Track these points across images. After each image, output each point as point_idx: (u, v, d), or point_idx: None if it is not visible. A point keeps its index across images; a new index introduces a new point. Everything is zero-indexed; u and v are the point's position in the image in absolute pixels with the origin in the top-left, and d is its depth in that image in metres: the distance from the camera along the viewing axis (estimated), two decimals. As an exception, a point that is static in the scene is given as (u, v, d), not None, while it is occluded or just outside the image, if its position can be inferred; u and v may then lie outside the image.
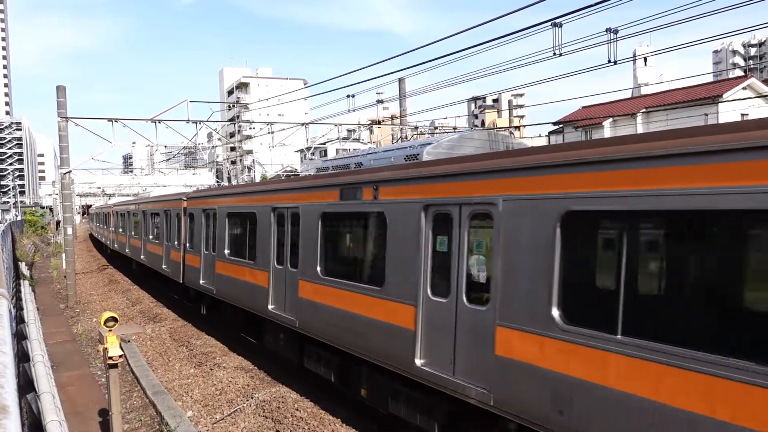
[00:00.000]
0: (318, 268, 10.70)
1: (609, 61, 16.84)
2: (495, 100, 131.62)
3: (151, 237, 24.62)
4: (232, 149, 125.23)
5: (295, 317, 11.48)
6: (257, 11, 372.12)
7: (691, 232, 5.21)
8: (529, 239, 6.47)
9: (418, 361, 7.98)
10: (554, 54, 16.94)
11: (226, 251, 15.21)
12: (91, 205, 68.42)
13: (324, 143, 59.23)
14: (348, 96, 28.29)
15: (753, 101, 41.76)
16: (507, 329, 6.67)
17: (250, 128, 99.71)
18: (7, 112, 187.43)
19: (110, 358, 9.01)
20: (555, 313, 6.15)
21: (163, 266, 22.08)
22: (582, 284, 6.09)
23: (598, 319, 5.75)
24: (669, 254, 5.40)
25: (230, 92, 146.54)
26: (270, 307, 12.53)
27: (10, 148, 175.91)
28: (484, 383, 6.94)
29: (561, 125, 52.62)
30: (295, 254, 11.60)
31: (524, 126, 53.89)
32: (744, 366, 4.58)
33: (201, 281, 17.14)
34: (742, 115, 40.48)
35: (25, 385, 8.30)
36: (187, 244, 18.83)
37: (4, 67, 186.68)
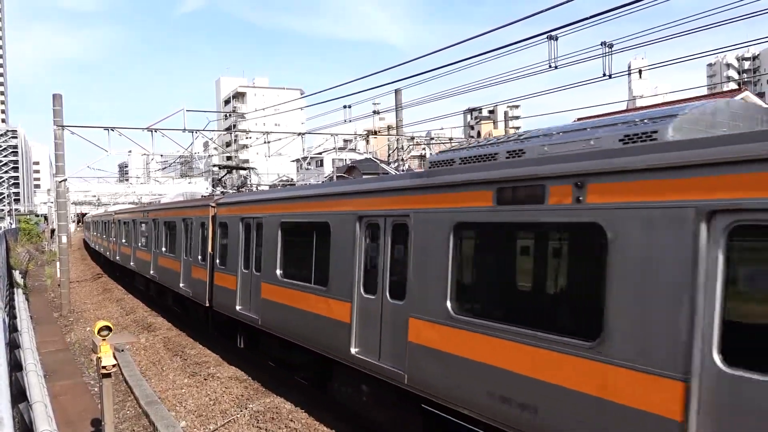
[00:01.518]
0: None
1: (604, 75, 16.95)
2: (491, 112, 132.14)
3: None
4: (229, 158, 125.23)
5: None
6: (254, 22, 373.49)
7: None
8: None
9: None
10: (550, 66, 17.05)
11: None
12: (86, 214, 68.18)
13: (320, 153, 59.36)
14: (344, 106, 28.38)
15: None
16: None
17: (247, 137, 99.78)
18: (3, 120, 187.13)
19: (104, 367, 8.97)
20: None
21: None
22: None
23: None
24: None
25: (227, 102, 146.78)
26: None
27: (5, 156, 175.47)
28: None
29: (556, 137, 52.78)
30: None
31: (520, 137, 54.26)
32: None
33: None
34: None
35: (18, 394, 8.25)
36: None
37: (0, 75, 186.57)
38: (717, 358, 4.81)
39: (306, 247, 11.21)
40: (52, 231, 62.04)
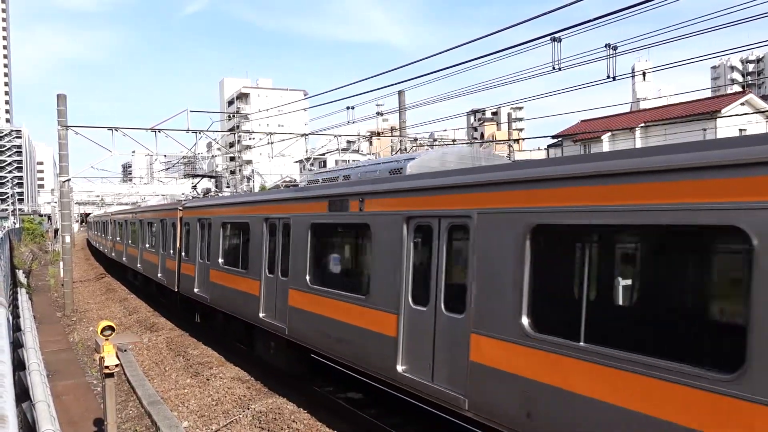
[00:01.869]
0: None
1: (608, 77, 16.94)
2: (494, 113, 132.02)
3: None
4: (232, 159, 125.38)
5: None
6: (258, 23, 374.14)
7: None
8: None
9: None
10: (554, 68, 17.05)
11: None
12: (89, 214, 68.37)
13: (323, 154, 59.38)
14: (348, 107, 28.39)
15: (751, 117, 41.97)
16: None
17: (250, 138, 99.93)
18: (8, 120, 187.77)
19: (106, 367, 8.99)
20: None
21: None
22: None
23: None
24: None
25: (230, 102, 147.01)
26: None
27: (9, 156, 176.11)
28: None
29: (560, 139, 52.80)
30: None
31: (523, 139, 54.08)
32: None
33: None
34: (740, 130, 40.64)
35: (21, 394, 8.26)
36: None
37: (5, 75, 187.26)
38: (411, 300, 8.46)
39: (236, 240, 15.10)
40: (56, 231, 62.24)
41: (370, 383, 11.99)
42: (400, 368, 8.47)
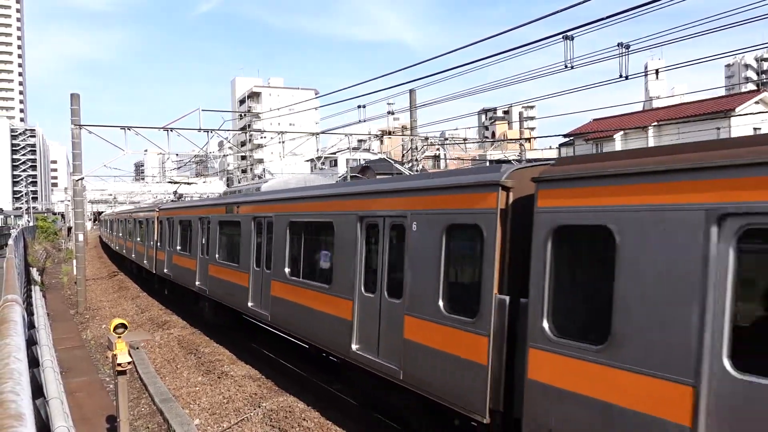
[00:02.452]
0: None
1: (621, 76, 16.83)
2: (506, 112, 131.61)
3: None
4: (243, 158, 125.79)
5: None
6: (269, 22, 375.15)
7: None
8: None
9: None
10: (566, 67, 16.97)
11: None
12: (102, 212, 68.93)
13: (334, 153, 59.42)
14: (359, 106, 28.40)
15: (765, 116, 41.53)
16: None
17: (261, 137, 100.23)
18: (22, 119, 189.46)
19: (119, 364, 9.06)
20: None
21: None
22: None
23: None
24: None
25: (242, 101, 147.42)
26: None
27: (24, 155, 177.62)
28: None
29: (571, 138, 52.53)
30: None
31: (535, 138, 53.87)
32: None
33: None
34: (755, 129, 40.26)
35: (34, 391, 8.33)
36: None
37: (20, 74, 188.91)
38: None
39: (186, 233, 20.67)
40: (69, 229, 62.77)
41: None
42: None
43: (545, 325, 6.21)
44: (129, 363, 9.19)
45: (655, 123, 47.63)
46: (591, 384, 5.66)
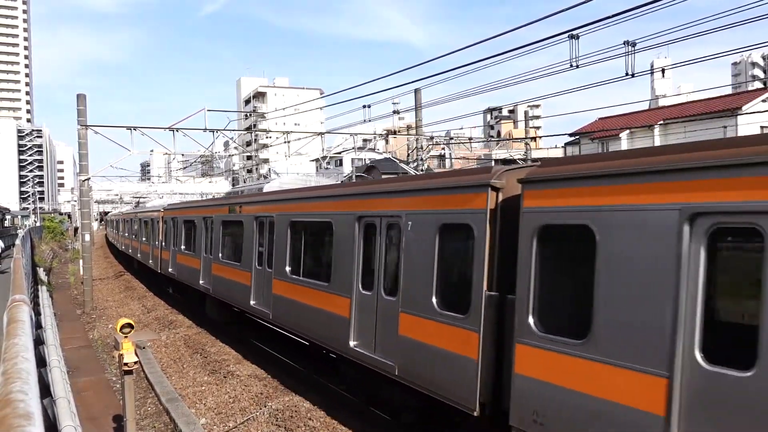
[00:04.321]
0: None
1: (627, 74, 16.77)
2: (511, 111, 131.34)
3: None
4: (249, 158, 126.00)
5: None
6: (275, 22, 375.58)
7: None
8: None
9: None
10: (571, 66, 16.92)
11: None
12: (108, 212, 69.25)
13: (340, 153, 59.46)
14: (364, 106, 28.39)
15: (773, 114, 41.24)
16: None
17: (267, 137, 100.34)
18: (29, 120, 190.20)
19: (125, 364, 9.08)
20: None
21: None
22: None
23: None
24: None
25: (247, 101, 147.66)
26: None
27: (30, 155, 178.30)
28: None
29: (577, 137, 52.38)
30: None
31: (540, 137, 53.74)
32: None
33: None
34: (762, 128, 40.04)
35: (42, 390, 8.37)
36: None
37: (27, 75, 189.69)
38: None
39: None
40: (76, 229, 62.99)
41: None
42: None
43: (531, 321, 6.42)
44: (135, 363, 9.22)
45: (662, 122, 47.43)
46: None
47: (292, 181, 19.42)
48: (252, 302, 14.45)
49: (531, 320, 6.41)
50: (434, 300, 7.90)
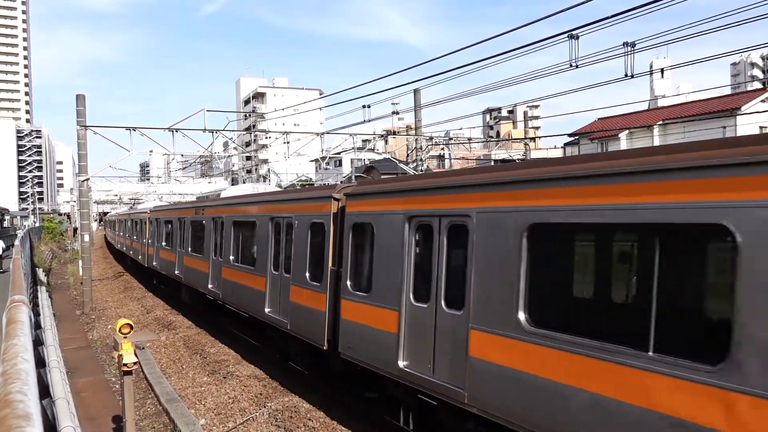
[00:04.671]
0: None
1: (626, 75, 16.77)
2: (510, 112, 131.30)
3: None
4: (248, 158, 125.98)
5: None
6: (274, 23, 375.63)
7: None
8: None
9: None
10: (571, 66, 16.93)
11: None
12: (107, 213, 69.28)
13: (339, 153, 59.47)
14: (363, 106, 28.38)
15: (772, 114, 41.26)
16: None
17: (266, 137, 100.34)
18: (28, 120, 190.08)
19: (125, 365, 9.07)
20: None
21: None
22: None
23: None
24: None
25: (247, 102, 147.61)
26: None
27: (29, 156, 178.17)
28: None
29: (576, 137, 52.40)
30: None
31: (539, 138, 53.76)
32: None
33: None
34: (761, 128, 40.07)
35: (41, 391, 8.36)
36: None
37: (26, 75, 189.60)
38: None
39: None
40: (75, 230, 62.97)
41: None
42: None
43: (348, 284, 10.09)
44: (135, 363, 9.21)
45: (661, 122, 47.46)
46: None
47: (245, 189, 24.74)
48: (209, 286, 17.99)
49: (348, 283, 10.06)
50: (307, 274, 11.66)
